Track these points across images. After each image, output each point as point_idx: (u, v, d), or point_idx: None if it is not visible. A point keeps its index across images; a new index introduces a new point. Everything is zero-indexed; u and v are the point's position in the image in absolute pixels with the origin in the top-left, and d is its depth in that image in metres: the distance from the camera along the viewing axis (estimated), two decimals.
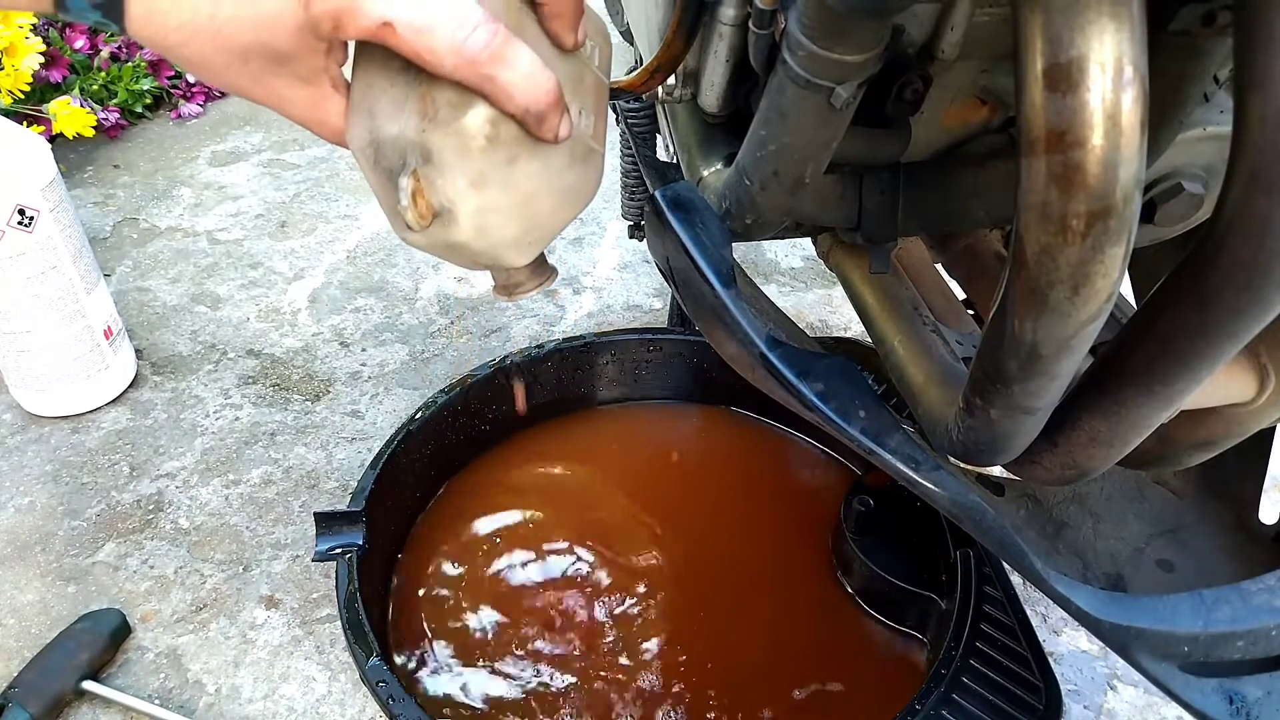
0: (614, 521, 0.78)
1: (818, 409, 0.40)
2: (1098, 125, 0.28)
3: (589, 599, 0.72)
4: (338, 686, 0.67)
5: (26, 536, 0.78)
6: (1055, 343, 0.33)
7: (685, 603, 0.72)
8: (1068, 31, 0.27)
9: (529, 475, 0.82)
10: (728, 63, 0.46)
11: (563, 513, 0.79)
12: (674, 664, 0.67)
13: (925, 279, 0.59)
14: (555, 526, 0.78)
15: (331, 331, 1.03)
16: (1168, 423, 0.41)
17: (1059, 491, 0.60)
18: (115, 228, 1.20)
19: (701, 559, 0.75)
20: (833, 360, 0.41)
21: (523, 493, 0.81)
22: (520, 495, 0.80)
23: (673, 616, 0.71)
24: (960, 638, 0.60)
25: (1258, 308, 0.31)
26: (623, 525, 0.78)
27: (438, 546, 0.76)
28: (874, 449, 0.40)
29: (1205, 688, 0.44)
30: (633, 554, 0.75)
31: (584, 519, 0.78)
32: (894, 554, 0.69)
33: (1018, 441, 0.40)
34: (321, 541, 0.64)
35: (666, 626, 0.70)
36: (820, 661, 0.68)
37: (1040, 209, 0.30)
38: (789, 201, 0.43)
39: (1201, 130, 0.46)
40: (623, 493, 0.81)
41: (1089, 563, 0.56)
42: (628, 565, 0.74)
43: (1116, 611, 0.42)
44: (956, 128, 0.48)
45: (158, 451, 0.86)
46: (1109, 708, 0.67)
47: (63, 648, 0.66)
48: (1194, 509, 0.59)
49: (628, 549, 0.76)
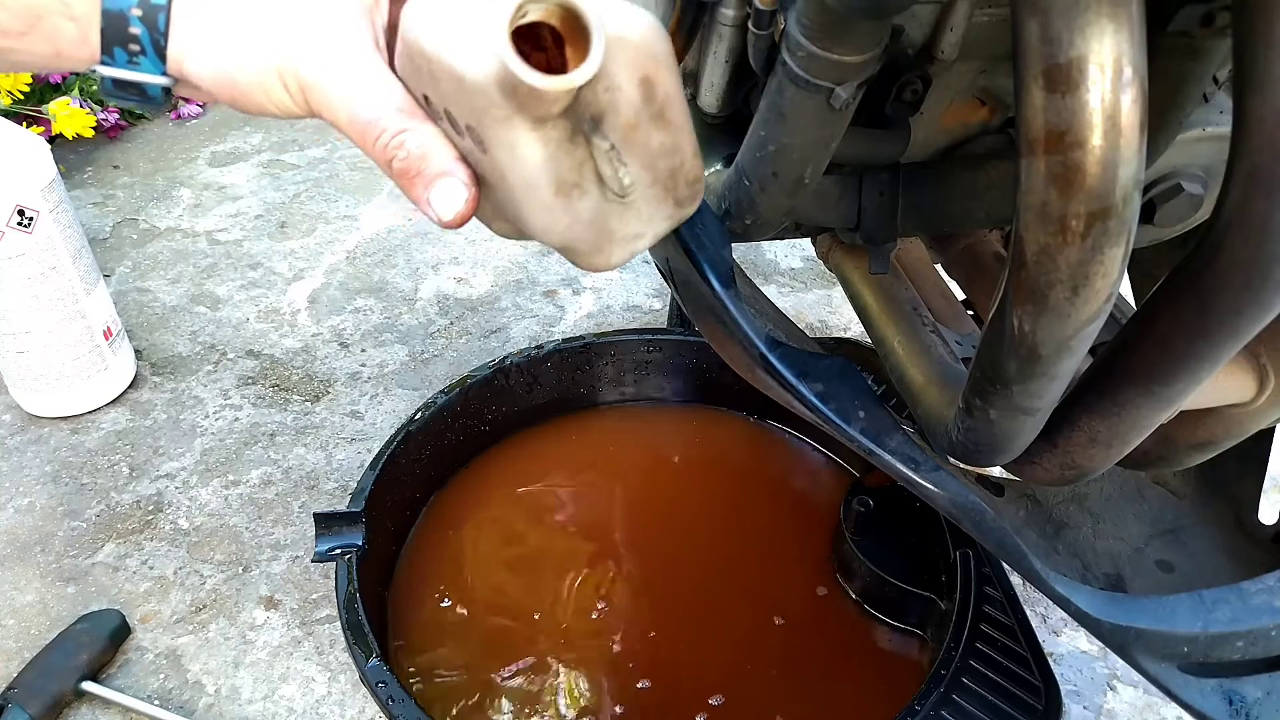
0: (614, 522, 0.78)
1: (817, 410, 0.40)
2: (1097, 126, 0.28)
3: (589, 599, 0.72)
4: (337, 687, 0.67)
5: (26, 537, 0.78)
6: (1054, 343, 0.33)
7: (685, 603, 0.72)
8: (1067, 32, 0.27)
9: (528, 476, 0.82)
10: (727, 63, 0.46)
11: (562, 514, 0.79)
12: (673, 664, 0.67)
13: (925, 279, 0.59)
14: (555, 527, 0.78)
15: (331, 332, 1.03)
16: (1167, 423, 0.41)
17: (1058, 492, 0.60)
18: (115, 228, 1.20)
19: (701, 560, 0.75)
20: (832, 361, 0.41)
21: (522, 494, 0.81)
22: (519, 496, 0.80)
23: (672, 617, 0.71)
24: (960, 638, 0.60)
25: (1257, 308, 0.31)
26: (622, 526, 0.78)
27: (437, 547, 0.76)
28: (873, 450, 0.40)
29: (1205, 688, 0.44)
30: (632, 554, 0.75)
31: (584, 520, 0.78)
32: (893, 554, 0.69)
33: (1017, 442, 0.40)
34: (321, 542, 0.64)
35: (666, 627, 0.70)
36: (820, 662, 0.68)
37: (1039, 209, 0.30)
38: (788, 202, 0.43)
39: (1201, 131, 0.46)
40: (622, 493, 0.81)
41: (1088, 563, 0.56)
42: (627, 566, 0.74)
43: (1116, 612, 0.42)
44: (956, 128, 0.48)
45: (157, 452, 0.86)
46: (1109, 708, 0.67)
47: (62, 648, 0.66)
48: (1193, 509, 0.59)
49: (627, 549, 0.76)
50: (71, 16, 0.32)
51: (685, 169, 0.34)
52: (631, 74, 0.31)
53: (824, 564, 0.74)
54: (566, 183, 0.32)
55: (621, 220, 0.34)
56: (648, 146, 0.32)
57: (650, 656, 0.68)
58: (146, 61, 0.32)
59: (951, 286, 0.60)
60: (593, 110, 0.31)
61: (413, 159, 0.32)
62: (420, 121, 0.32)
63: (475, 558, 0.75)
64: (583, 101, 0.30)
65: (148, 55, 0.32)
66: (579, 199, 0.32)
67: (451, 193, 0.32)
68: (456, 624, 0.70)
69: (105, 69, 0.33)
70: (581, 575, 0.73)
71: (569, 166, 0.31)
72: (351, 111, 0.32)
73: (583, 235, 0.34)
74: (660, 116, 0.32)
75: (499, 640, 0.68)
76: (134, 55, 0.32)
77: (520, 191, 0.31)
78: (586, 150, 0.31)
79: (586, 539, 0.76)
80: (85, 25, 0.32)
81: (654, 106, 0.32)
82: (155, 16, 0.32)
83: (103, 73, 0.33)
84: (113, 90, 0.34)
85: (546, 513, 0.79)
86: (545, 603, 0.71)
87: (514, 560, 0.75)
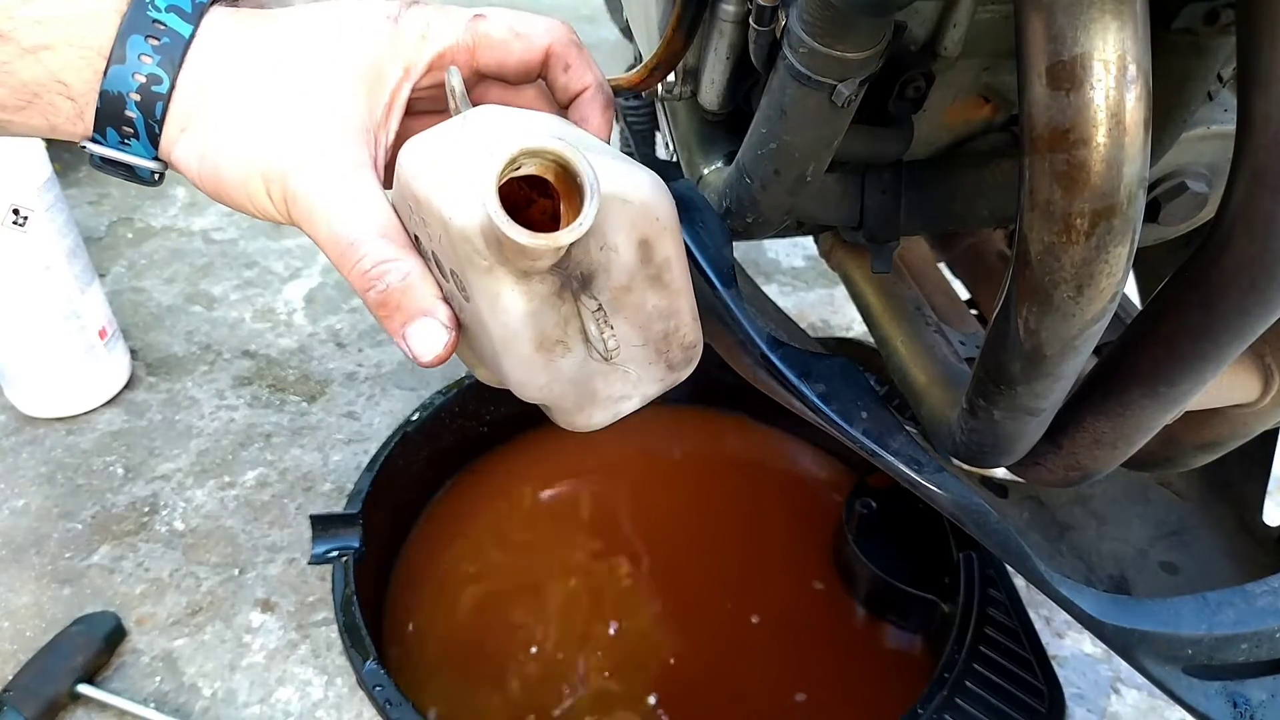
0: (614, 523, 0.78)
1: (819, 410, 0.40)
2: (1101, 123, 0.28)
3: (588, 600, 0.71)
4: (334, 690, 0.67)
5: (21, 539, 0.77)
6: (1059, 343, 0.33)
7: (686, 604, 0.72)
8: (1070, 29, 0.27)
9: (527, 477, 0.82)
10: (728, 60, 0.46)
11: (562, 514, 0.79)
12: (674, 665, 0.67)
13: (928, 279, 0.59)
14: (554, 528, 0.77)
15: (327, 332, 1.03)
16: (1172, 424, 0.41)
17: (1063, 493, 0.59)
18: (110, 228, 1.19)
19: (702, 561, 0.75)
20: (834, 361, 0.41)
21: (521, 494, 0.80)
22: (519, 497, 0.80)
23: (673, 618, 0.71)
24: (963, 641, 0.59)
25: (1262, 308, 0.30)
26: (623, 526, 0.78)
27: (435, 549, 0.75)
28: (876, 451, 0.39)
29: (1209, 691, 0.44)
30: (633, 556, 0.75)
31: (584, 521, 0.78)
32: (896, 556, 0.69)
33: (1021, 443, 0.40)
34: (317, 544, 0.64)
35: (667, 628, 0.70)
36: (822, 664, 0.68)
37: (1044, 208, 0.30)
38: (790, 200, 0.43)
39: (1205, 129, 0.46)
40: (623, 494, 0.81)
41: (1093, 565, 0.56)
42: (627, 567, 0.74)
43: (1120, 614, 0.41)
44: (959, 126, 0.48)
45: (153, 453, 0.86)
46: (1112, 711, 0.67)
47: (57, 651, 0.65)
48: (1198, 511, 0.59)
49: (628, 550, 0.75)
50: (69, 95, 0.31)
51: (680, 333, 0.33)
52: (630, 235, 0.30)
53: (826, 566, 0.74)
54: (549, 338, 0.30)
55: (606, 381, 0.33)
56: (641, 308, 0.31)
57: (650, 657, 0.67)
58: (138, 144, 0.32)
59: (955, 286, 0.60)
60: (584, 267, 0.29)
61: (393, 292, 0.31)
62: (403, 251, 0.31)
63: (474, 559, 0.74)
64: (573, 258, 0.29)
65: (140, 139, 0.32)
66: (561, 356, 0.31)
67: (430, 334, 0.31)
68: (455, 626, 0.69)
69: (96, 147, 0.32)
70: (581, 576, 0.73)
71: (553, 322, 0.30)
72: (332, 230, 0.31)
73: (563, 393, 0.32)
74: (657, 279, 0.31)
75: (499, 642, 0.68)
76: (126, 137, 0.32)
77: (500, 343, 0.30)
78: (574, 306, 0.30)
79: (586, 539, 0.76)
80: (82, 105, 0.31)
81: (651, 269, 0.31)
82: (153, 104, 0.31)
83: (92, 150, 0.32)
84: (101, 166, 0.33)
85: (546, 514, 0.79)
86: (545, 604, 0.71)
87: (513, 562, 0.74)
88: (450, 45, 0.34)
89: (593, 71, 0.36)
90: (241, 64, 0.32)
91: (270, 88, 0.32)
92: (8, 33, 0.30)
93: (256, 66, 0.32)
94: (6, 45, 0.30)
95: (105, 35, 0.31)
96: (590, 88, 0.36)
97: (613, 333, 0.31)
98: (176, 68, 0.31)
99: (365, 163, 0.32)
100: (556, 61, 0.35)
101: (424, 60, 0.33)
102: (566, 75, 0.36)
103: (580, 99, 0.36)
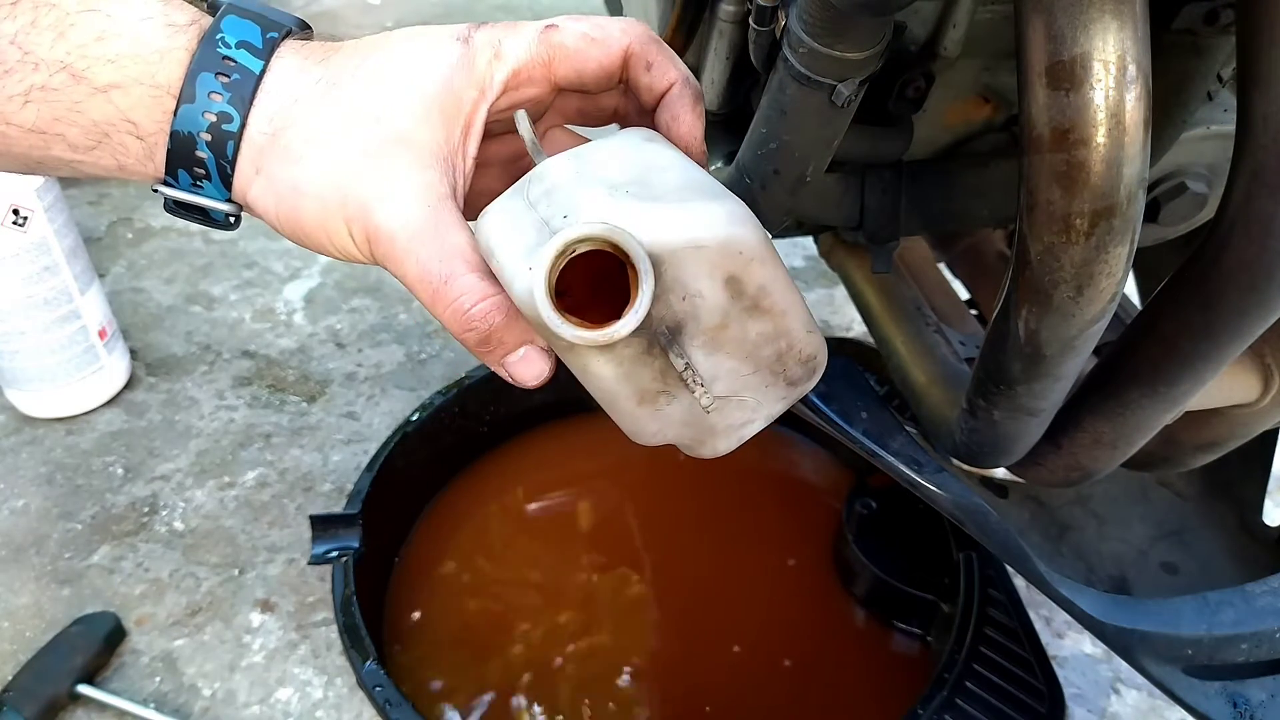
0: (614, 523, 0.78)
1: (819, 410, 0.40)
2: (1101, 123, 0.28)
3: (589, 600, 0.71)
4: (334, 691, 0.66)
5: (21, 539, 0.77)
6: (1059, 343, 0.33)
7: (686, 606, 0.72)
8: (1070, 29, 0.27)
9: (528, 478, 0.82)
10: (728, 60, 0.46)
11: (562, 515, 0.79)
12: (675, 666, 0.67)
13: (928, 279, 0.59)
14: (554, 528, 0.77)
15: (327, 332, 1.03)
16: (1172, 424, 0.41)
17: (1063, 494, 0.59)
18: (109, 228, 1.19)
19: (702, 562, 0.75)
20: (834, 361, 0.41)
21: (521, 496, 0.80)
22: (518, 498, 0.80)
23: (673, 619, 0.71)
24: (963, 641, 0.59)
25: (1262, 308, 0.30)
26: (623, 527, 0.78)
27: (435, 549, 0.75)
28: (876, 451, 0.39)
29: (1209, 691, 0.44)
30: (633, 556, 0.75)
31: (584, 521, 0.78)
32: (896, 557, 0.69)
33: (1021, 443, 0.40)
34: (317, 545, 0.64)
35: (667, 629, 0.70)
36: (822, 665, 0.68)
37: (1044, 208, 0.30)
38: (790, 200, 0.43)
39: (1205, 129, 0.46)
40: (623, 495, 0.81)
41: (1093, 565, 0.56)
42: (628, 567, 0.74)
43: (1120, 615, 0.41)
44: (959, 126, 0.48)
45: (152, 453, 0.86)
46: (1112, 711, 0.67)
47: (57, 651, 0.65)
48: (1197, 511, 0.59)
49: (628, 551, 0.75)
50: (138, 135, 0.30)
51: (795, 349, 0.32)
52: (713, 277, 0.29)
53: (826, 566, 0.74)
54: (649, 391, 0.30)
55: (723, 415, 0.32)
56: (743, 340, 0.31)
57: (649, 658, 0.67)
58: (210, 186, 0.31)
59: (955, 286, 0.60)
60: (668, 322, 0.29)
61: (496, 330, 0.30)
62: (496, 286, 0.30)
63: (473, 560, 0.74)
64: (655, 318, 0.28)
65: (212, 181, 0.31)
66: (666, 404, 0.31)
67: (533, 363, 0.31)
68: (455, 627, 0.69)
69: (168, 190, 0.31)
70: (580, 577, 0.73)
71: (649, 377, 0.30)
72: (422, 269, 0.30)
73: (678, 435, 0.32)
74: (755, 308, 0.30)
75: (498, 644, 0.68)
76: (198, 179, 0.31)
77: (601, 403, 0.30)
78: (667, 360, 0.29)
79: (586, 540, 0.76)
80: (151, 145, 0.30)
81: (745, 301, 0.30)
82: (224, 144, 0.30)
83: (165, 193, 0.31)
84: (175, 210, 0.32)
85: (546, 515, 0.79)
86: (544, 605, 0.71)
87: (512, 563, 0.74)
88: (525, 61, 0.32)
89: (677, 66, 0.34)
90: (313, 98, 0.31)
91: (343, 121, 0.31)
92: (81, 71, 0.29)
93: (328, 100, 0.31)
94: (79, 85, 0.29)
95: (175, 73, 0.30)
96: (677, 84, 0.34)
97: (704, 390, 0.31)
98: (248, 105, 0.30)
99: (445, 194, 0.31)
100: (637, 61, 0.34)
101: (498, 80, 0.32)
102: (650, 74, 0.34)
103: (668, 97, 0.34)
